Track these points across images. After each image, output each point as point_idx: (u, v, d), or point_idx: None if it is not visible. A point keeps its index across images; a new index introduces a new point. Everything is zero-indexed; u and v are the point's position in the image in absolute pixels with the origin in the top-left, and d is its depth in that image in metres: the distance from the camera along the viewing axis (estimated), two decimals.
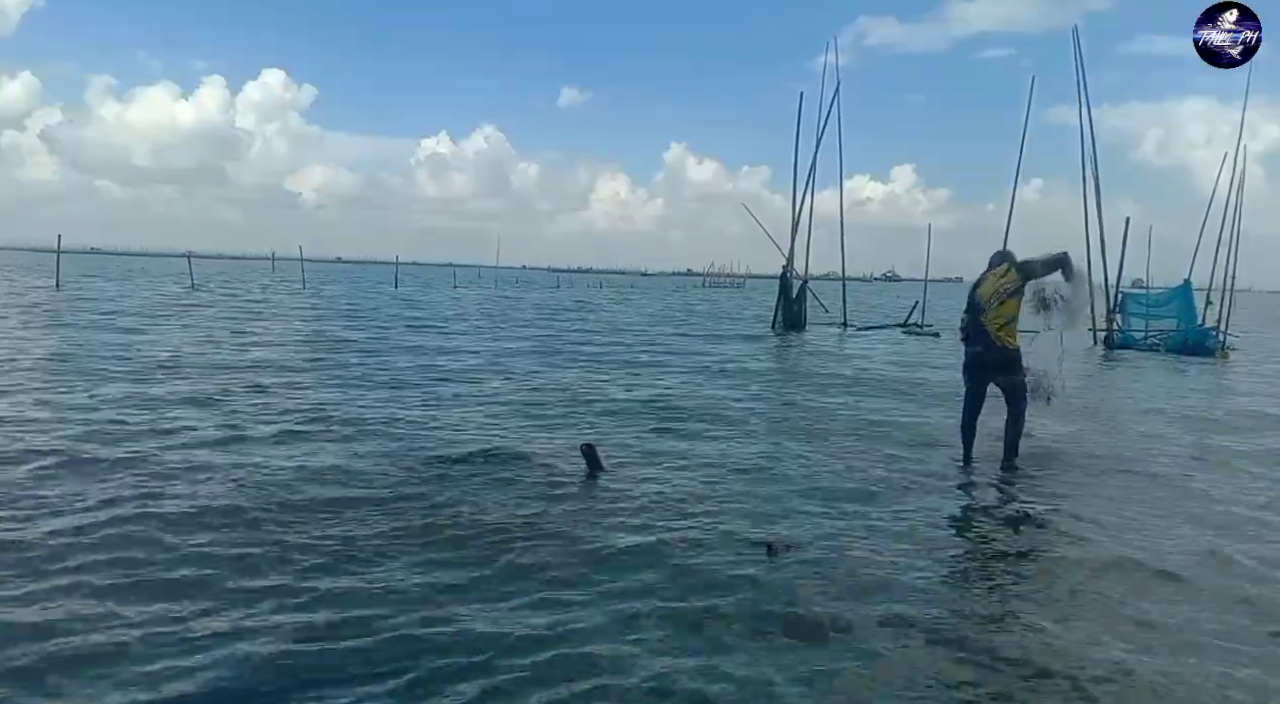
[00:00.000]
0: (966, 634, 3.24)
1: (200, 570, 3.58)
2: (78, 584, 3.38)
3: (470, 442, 6.35)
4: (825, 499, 5.11)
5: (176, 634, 2.98)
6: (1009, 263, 6.07)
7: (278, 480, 5.03)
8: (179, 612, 3.17)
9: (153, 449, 5.71)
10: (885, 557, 4.07)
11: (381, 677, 2.74)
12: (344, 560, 3.78)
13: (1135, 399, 10.81)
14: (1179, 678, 2.93)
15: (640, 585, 3.58)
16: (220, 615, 3.15)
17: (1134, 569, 4.03)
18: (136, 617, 3.11)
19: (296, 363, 11.09)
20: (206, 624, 3.07)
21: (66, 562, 3.59)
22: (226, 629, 3.03)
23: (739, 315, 30.45)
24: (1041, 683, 2.88)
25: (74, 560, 3.61)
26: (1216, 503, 5.38)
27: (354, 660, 2.85)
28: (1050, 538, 4.59)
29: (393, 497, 4.82)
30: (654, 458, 6.08)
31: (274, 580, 3.51)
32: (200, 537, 3.98)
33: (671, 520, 4.54)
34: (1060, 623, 3.38)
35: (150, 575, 3.51)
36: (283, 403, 7.82)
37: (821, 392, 10.27)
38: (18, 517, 4.17)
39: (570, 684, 2.72)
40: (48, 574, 3.46)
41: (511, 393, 9.19)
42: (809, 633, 3.17)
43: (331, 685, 2.69)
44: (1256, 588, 3.83)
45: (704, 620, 3.24)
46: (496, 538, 4.13)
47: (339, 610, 3.23)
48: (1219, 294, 18.66)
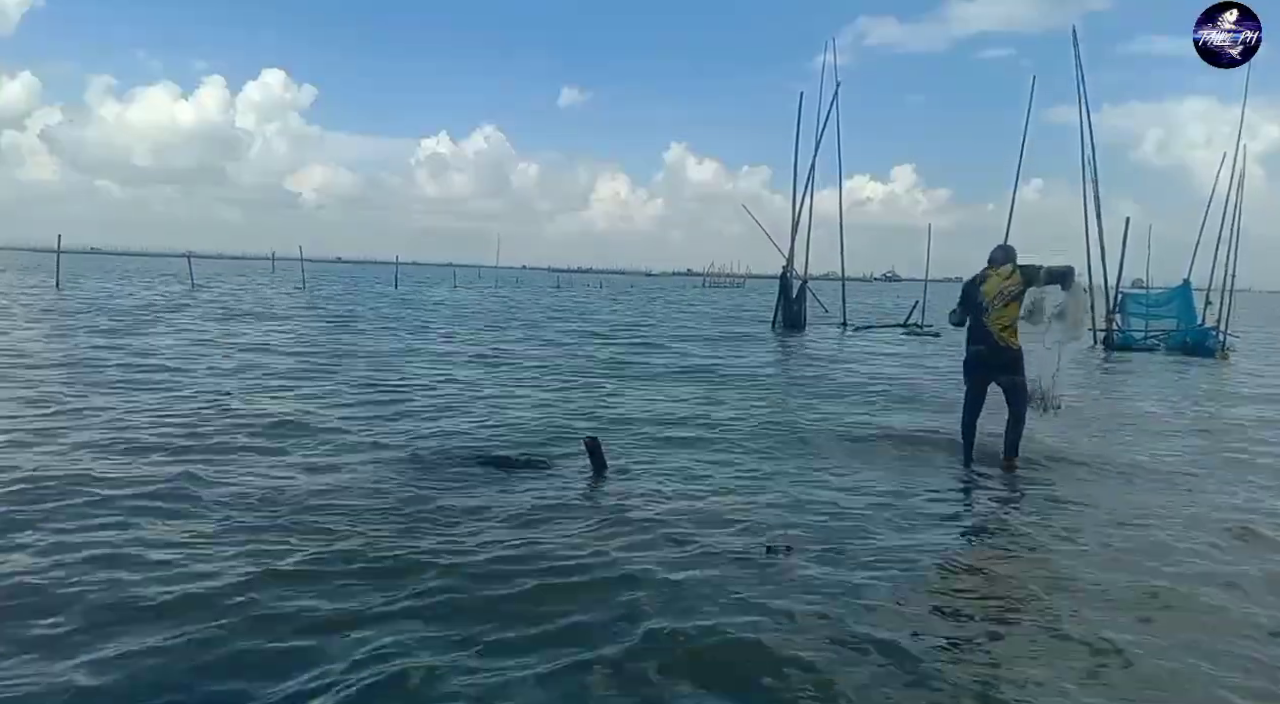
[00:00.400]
0: (963, 635, 3.24)
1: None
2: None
3: (479, 443, 6.35)
4: (825, 500, 5.10)
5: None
6: (1013, 263, 6.06)
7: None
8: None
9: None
10: (885, 557, 4.06)
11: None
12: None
13: (1135, 399, 10.80)
14: (1179, 676, 2.94)
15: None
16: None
17: (1134, 569, 4.02)
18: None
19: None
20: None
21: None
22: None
23: (738, 315, 30.44)
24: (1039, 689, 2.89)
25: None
26: (1216, 505, 5.37)
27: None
28: (1050, 539, 4.58)
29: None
30: (654, 463, 6.06)
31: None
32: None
33: (674, 520, 4.53)
34: (1057, 623, 3.38)
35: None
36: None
37: (821, 393, 10.27)
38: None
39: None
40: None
41: (509, 395, 9.18)
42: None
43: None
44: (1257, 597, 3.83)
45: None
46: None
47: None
48: (1219, 294, 18.65)
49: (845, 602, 3.48)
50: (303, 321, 19.21)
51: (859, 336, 20.91)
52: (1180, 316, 18.89)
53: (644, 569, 3.74)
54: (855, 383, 11.21)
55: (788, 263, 22.45)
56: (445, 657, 2.88)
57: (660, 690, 2.73)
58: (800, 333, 21.03)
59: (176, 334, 14.44)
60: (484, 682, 2.73)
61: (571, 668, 2.83)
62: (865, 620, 3.30)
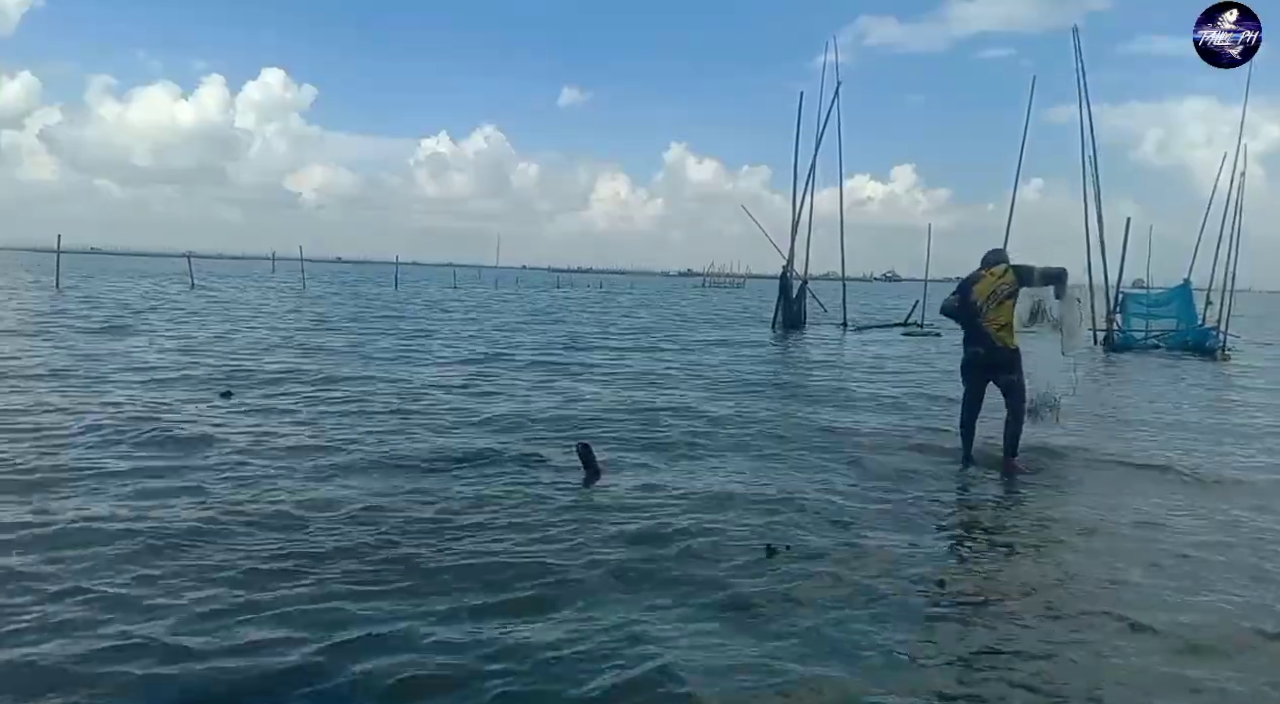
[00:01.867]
0: (959, 636, 3.24)
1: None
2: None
3: (467, 443, 6.35)
4: (824, 500, 5.10)
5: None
6: (1005, 264, 6.08)
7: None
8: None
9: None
10: (885, 557, 4.07)
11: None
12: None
13: (1134, 399, 10.81)
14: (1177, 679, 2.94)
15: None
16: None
17: (1134, 572, 4.02)
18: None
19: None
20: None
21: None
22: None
23: (738, 315, 30.44)
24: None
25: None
26: (1216, 508, 5.37)
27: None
28: (1049, 538, 4.59)
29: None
30: (649, 466, 6.04)
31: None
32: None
33: (674, 520, 4.53)
34: (1057, 622, 3.38)
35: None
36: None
37: (820, 393, 10.29)
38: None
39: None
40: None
41: (506, 398, 9.18)
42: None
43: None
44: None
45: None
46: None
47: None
48: (1219, 294, 18.63)
49: (845, 602, 3.48)
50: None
51: (859, 337, 20.92)
52: (1180, 317, 18.86)
53: (642, 569, 3.75)
54: (855, 383, 11.22)
55: (788, 263, 22.44)
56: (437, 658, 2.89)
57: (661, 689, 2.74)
58: (800, 333, 21.03)
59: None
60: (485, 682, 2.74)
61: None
62: (866, 621, 3.30)
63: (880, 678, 2.85)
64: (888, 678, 2.86)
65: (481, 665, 2.83)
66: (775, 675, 2.83)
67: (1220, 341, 17.21)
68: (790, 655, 2.98)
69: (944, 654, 3.08)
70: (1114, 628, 3.32)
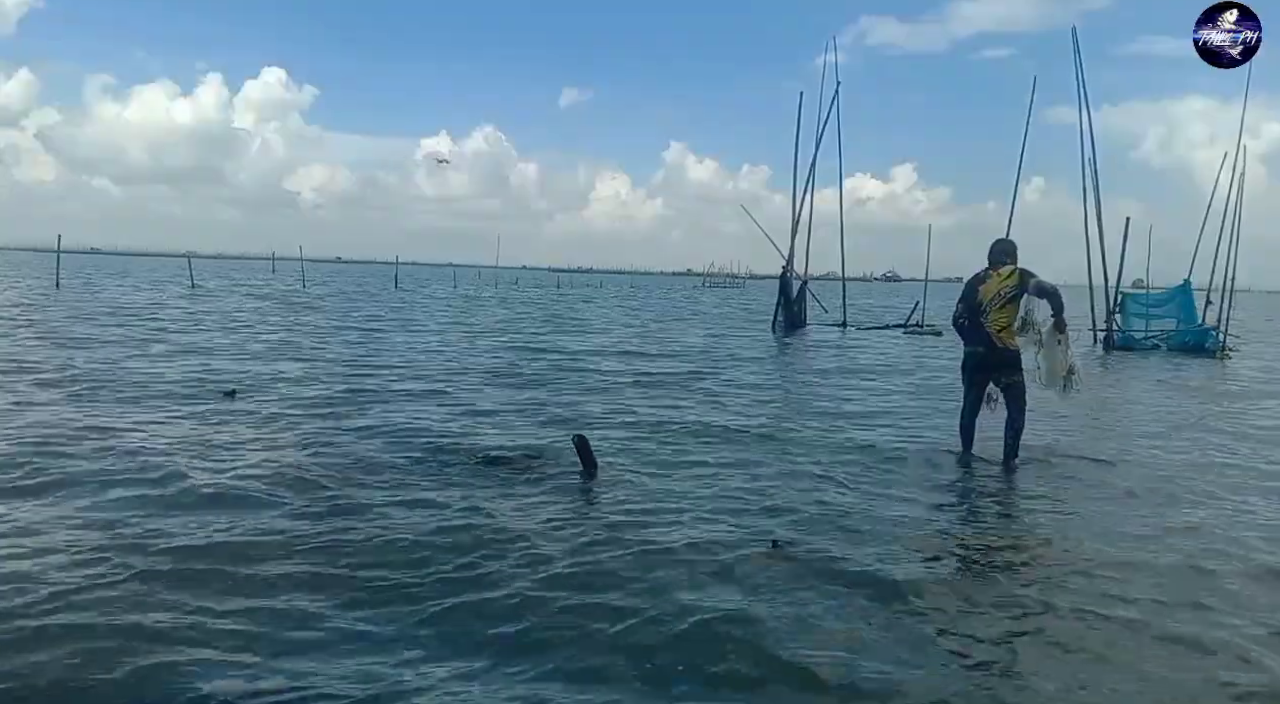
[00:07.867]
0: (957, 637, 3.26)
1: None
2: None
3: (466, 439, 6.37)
4: (824, 500, 5.10)
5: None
6: (1013, 264, 6.08)
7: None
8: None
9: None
10: (885, 556, 4.08)
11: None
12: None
13: (1134, 400, 10.82)
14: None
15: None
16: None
17: (1133, 572, 4.03)
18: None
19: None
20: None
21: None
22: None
23: (736, 316, 30.43)
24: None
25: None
26: (1216, 509, 5.36)
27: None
28: (1049, 538, 4.60)
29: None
30: (645, 465, 5.99)
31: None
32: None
33: (672, 521, 4.54)
34: (1058, 622, 3.40)
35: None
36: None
37: (820, 394, 10.30)
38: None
39: None
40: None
41: (504, 399, 9.20)
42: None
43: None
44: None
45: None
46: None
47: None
48: (1219, 294, 18.65)
49: (846, 601, 3.49)
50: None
51: (859, 337, 20.91)
52: (1180, 317, 18.88)
53: (639, 569, 3.76)
54: (854, 384, 11.22)
55: (787, 263, 22.43)
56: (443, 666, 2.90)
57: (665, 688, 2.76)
58: (800, 334, 21.01)
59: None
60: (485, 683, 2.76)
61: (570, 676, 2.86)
62: (866, 620, 3.31)
63: (880, 676, 2.86)
64: (888, 676, 2.86)
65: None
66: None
67: (1220, 342, 17.22)
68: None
69: (944, 657, 3.09)
70: (1117, 632, 3.33)
